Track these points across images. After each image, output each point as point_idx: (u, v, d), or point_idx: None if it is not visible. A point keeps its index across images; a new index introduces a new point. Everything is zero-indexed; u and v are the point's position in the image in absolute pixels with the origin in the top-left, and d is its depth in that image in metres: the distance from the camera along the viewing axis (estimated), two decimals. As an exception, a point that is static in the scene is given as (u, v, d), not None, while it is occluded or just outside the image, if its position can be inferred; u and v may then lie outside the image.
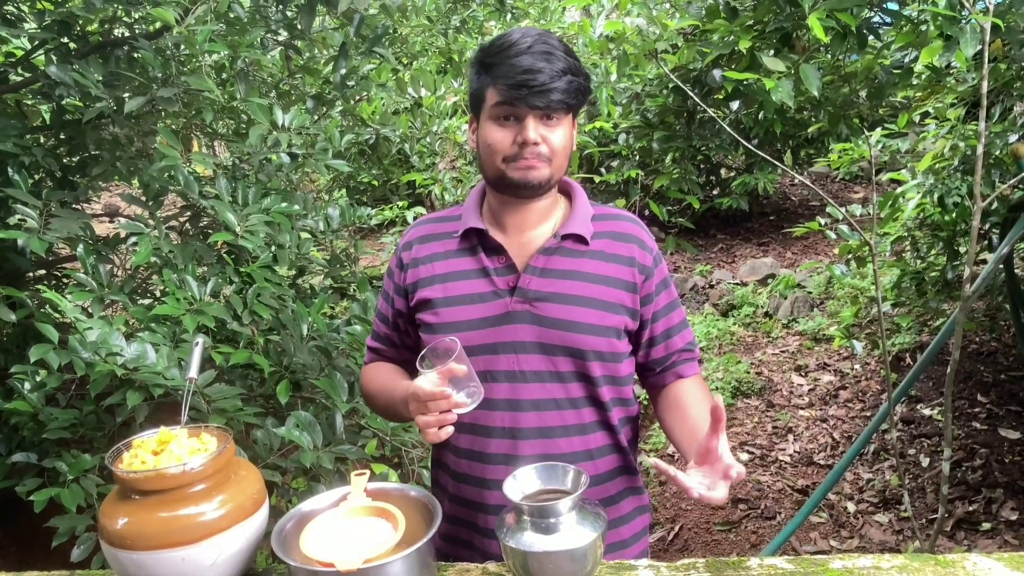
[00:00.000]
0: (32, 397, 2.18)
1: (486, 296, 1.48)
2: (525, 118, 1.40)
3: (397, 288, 1.61)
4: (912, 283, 4.24)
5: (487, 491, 1.50)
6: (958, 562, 1.33)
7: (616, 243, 1.52)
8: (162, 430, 1.35)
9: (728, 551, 3.48)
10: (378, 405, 1.65)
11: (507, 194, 1.49)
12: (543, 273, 1.48)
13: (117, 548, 1.22)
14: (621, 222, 1.56)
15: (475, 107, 1.49)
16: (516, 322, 1.46)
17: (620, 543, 1.58)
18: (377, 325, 1.70)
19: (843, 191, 8.05)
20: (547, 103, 1.38)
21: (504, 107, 1.41)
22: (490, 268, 1.50)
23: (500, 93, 1.40)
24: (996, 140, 3.16)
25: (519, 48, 1.38)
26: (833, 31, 2.61)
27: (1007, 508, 3.36)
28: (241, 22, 2.75)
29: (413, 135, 3.96)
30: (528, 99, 1.37)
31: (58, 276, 3.21)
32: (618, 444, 1.56)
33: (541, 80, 1.36)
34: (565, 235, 1.49)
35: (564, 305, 1.46)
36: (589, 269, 1.49)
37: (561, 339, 1.45)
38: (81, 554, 2.11)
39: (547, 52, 1.38)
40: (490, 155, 1.45)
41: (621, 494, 1.58)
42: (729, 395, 4.73)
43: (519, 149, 1.41)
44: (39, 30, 2.63)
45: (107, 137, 2.82)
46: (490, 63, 1.42)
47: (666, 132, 4.77)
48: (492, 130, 1.43)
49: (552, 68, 1.37)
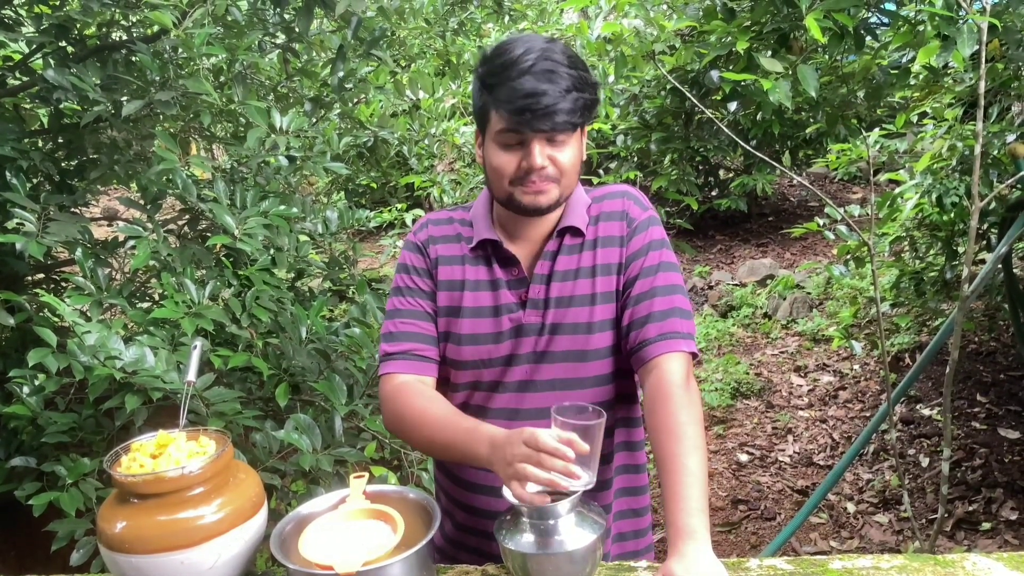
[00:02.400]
0: (31, 401, 2.17)
1: (500, 309, 1.47)
2: (530, 143, 1.35)
3: (429, 274, 1.53)
4: (911, 283, 4.24)
5: (496, 499, 1.46)
6: (958, 562, 1.33)
7: (607, 224, 1.49)
8: (160, 433, 1.35)
9: (728, 552, 3.48)
10: (429, 432, 1.42)
11: (516, 213, 1.46)
12: (549, 279, 1.46)
13: (115, 552, 1.22)
14: (612, 201, 1.51)
15: (480, 124, 1.44)
16: (529, 334, 1.45)
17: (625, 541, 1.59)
18: (407, 326, 1.51)
19: (842, 191, 8.05)
20: (552, 126, 1.32)
21: (508, 134, 1.36)
22: (502, 280, 1.48)
23: (504, 119, 1.34)
24: (994, 140, 3.16)
25: (521, 68, 1.32)
26: (830, 32, 2.62)
27: (1007, 508, 3.36)
28: (239, 25, 2.75)
29: (411, 137, 3.96)
30: (532, 123, 1.32)
31: (56, 280, 3.20)
32: (626, 442, 1.56)
33: (545, 103, 1.30)
34: (562, 230, 1.47)
35: (571, 308, 1.45)
36: (588, 263, 1.47)
37: (576, 344, 1.45)
38: (80, 558, 2.10)
39: (550, 71, 1.31)
40: (497, 179, 1.41)
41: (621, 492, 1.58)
42: (729, 396, 4.73)
43: (525, 174, 1.37)
44: (37, 34, 2.63)
45: (105, 141, 2.83)
46: (492, 83, 1.36)
47: (664, 133, 4.78)
48: (498, 154, 1.39)
49: (556, 88, 1.31)
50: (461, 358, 1.49)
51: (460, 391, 1.53)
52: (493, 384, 1.48)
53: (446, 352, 1.51)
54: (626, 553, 1.58)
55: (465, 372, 1.50)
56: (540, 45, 1.35)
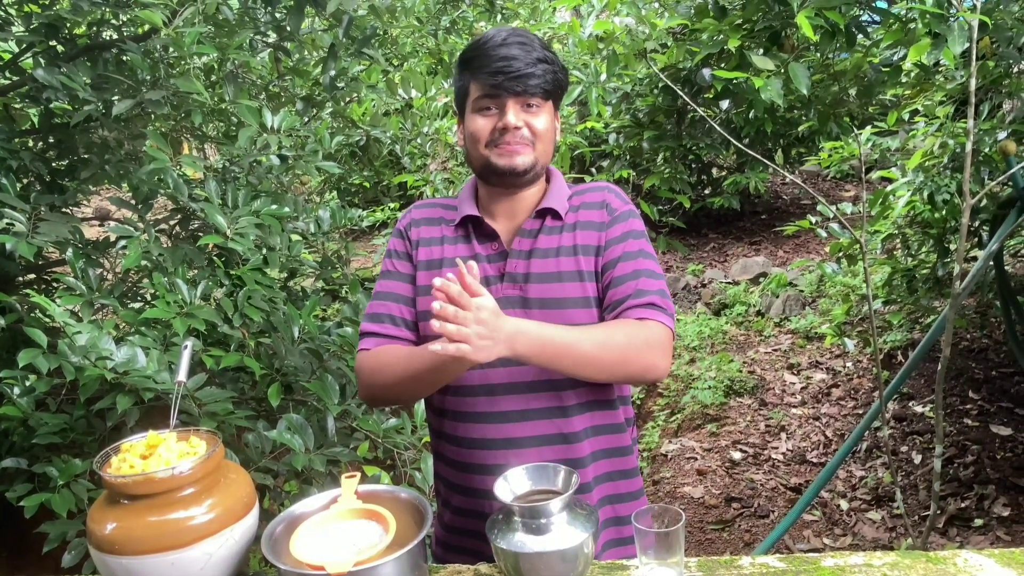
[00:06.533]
0: (22, 402, 2.17)
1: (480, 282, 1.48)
2: (506, 105, 1.46)
3: (408, 257, 1.59)
4: (903, 280, 4.25)
5: (491, 477, 1.48)
6: (949, 559, 1.34)
7: (588, 212, 1.56)
8: (151, 434, 1.34)
9: (721, 550, 3.49)
10: (397, 374, 1.50)
11: (495, 184, 1.53)
12: (528, 255, 1.52)
13: (106, 553, 1.21)
14: (593, 193, 1.59)
15: (460, 105, 1.56)
16: (509, 307, 1.47)
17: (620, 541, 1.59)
18: (385, 307, 1.58)
19: (834, 189, 8.06)
20: (525, 87, 1.44)
21: (485, 98, 1.48)
22: (482, 255, 1.54)
23: (480, 85, 1.47)
24: (985, 137, 3.17)
25: (495, 42, 1.46)
26: (822, 30, 2.63)
27: (999, 504, 3.37)
28: (229, 24, 2.74)
29: (404, 136, 3.95)
30: (506, 85, 1.44)
31: (47, 280, 3.19)
32: (614, 425, 1.57)
33: (517, 67, 1.43)
34: (541, 211, 1.53)
35: (550, 284, 1.50)
36: (567, 243, 1.53)
37: (550, 317, 1.46)
38: (72, 560, 2.09)
39: (522, 43, 1.46)
40: (474, 144, 1.51)
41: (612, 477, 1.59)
42: (722, 394, 4.73)
43: (500, 135, 1.47)
44: (27, 33, 2.62)
45: (96, 140, 2.81)
46: (469, 58, 1.50)
47: (656, 132, 4.79)
48: (475, 120, 1.50)
49: (528, 56, 1.45)
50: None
51: None
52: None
53: (428, 331, 1.50)
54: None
55: None
56: (512, 28, 1.51)
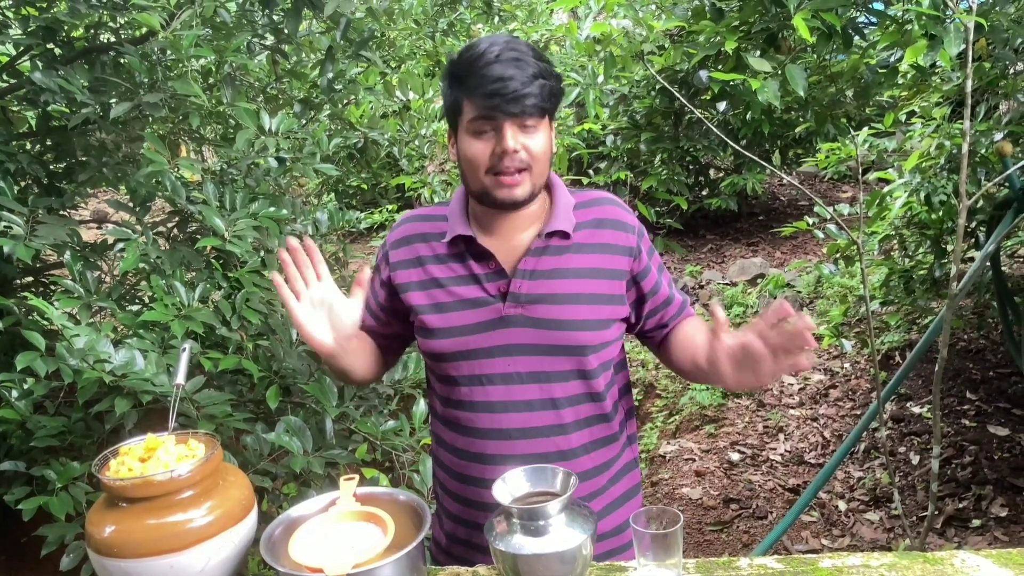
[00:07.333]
0: (20, 405, 2.16)
1: (478, 302, 1.49)
2: (502, 127, 1.39)
3: (382, 283, 1.61)
4: (900, 281, 4.26)
5: (488, 491, 1.50)
6: (947, 559, 1.34)
7: (599, 231, 1.53)
8: (149, 437, 1.34)
9: (720, 551, 3.49)
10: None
11: (492, 208, 1.49)
12: (533, 276, 1.48)
13: (104, 556, 1.21)
14: (601, 207, 1.57)
15: (451, 121, 1.49)
16: (510, 326, 1.47)
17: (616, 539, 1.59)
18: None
19: (831, 190, 8.07)
20: (522, 109, 1.37)
21: (480, 121, 1.41)
22: (480, 274, 1.50)
23: (475, 107, 1.40)
24: (981, 138, 3.18)
25: (488, 58, 1.38)
26: (818, 31, 2.63)
27: (996, 505, 3.37)
28: (227, 27, 2.74)
29: (401, 138, 3.95)
30: (503, 107, 1.37)
31: (45, 283, 3.19)
32: (615, 437, 1.57)
33: (513, 87, 1.36)
34: (550, 233, 1.50)
35: (557, 305, 1.47)
36: (576, 264, 1.50)
37: (557, 339, 1.46)
38: (71, 563, 2.09)
39: (517, 59, 1.38)
40: (472, 170, 1.44)
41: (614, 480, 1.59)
42: (720, 395, 4.73)
43: (499, 160, 1.41)
44: (24, 36, 2.62)
45: (93, 143, 2.81)
46: (461, 75, 1.42)
47: (654, 133, 4.79)
48: (471, 144, 1.43)
49: (523, 74, 1.37)
50: (442, 350, 1.51)
51: (445, 385, 1.55)
52: (476, 378, 1.49)
53: (427, 347, 1.53)
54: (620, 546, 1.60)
55: (447, 365, 1.52)
56: (504, 39, 1.42)
